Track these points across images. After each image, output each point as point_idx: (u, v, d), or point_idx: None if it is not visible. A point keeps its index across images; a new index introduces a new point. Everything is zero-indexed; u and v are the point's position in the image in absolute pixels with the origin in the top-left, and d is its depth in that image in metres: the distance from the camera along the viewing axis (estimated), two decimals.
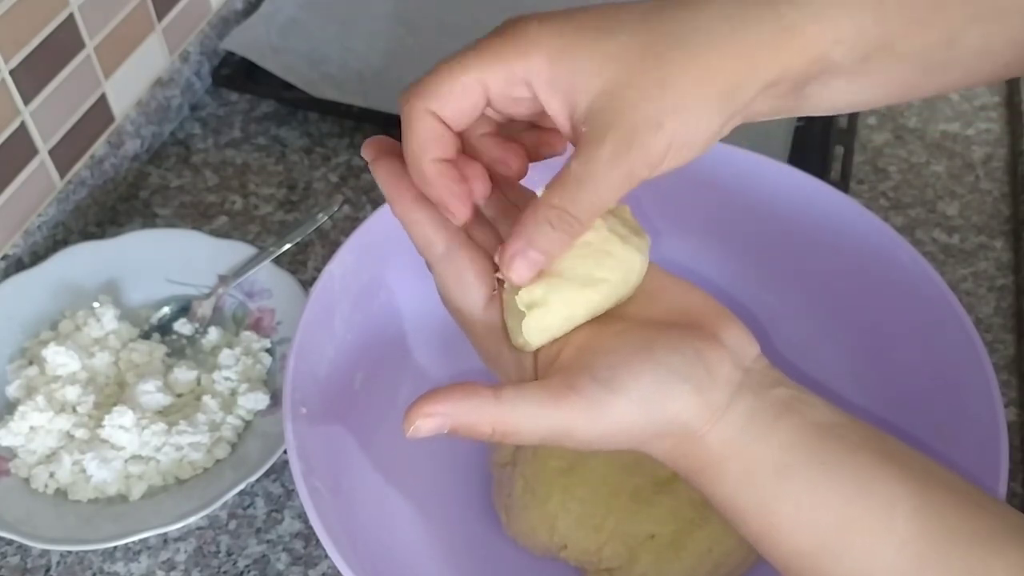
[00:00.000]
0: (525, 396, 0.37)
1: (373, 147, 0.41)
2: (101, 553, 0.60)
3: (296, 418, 0.50)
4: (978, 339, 0.53)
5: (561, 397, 0.36)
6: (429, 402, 0.36)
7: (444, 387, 0.37)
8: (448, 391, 0.37)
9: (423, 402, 0.36)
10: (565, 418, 0.36)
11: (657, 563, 0.54)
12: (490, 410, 0.36)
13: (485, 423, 0.36)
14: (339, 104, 0.80)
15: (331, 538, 0.45)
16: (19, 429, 0.61)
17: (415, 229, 0.41)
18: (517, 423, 0.36)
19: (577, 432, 0.37)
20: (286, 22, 0.88)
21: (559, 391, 0.36)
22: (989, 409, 0.50)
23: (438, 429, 0.37)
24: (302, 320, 0.53)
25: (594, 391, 0.36)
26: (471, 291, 0.40)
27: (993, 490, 0.47)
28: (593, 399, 0.36)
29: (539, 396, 0.37)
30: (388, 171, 0.40)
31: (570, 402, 0.36)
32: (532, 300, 0.38)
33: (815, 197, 0.59)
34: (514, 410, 0.36)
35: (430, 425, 0.36)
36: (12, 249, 0.71)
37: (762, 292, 0.62)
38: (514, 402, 0.36)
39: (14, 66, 0.67)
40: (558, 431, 0.37)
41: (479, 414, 0.36)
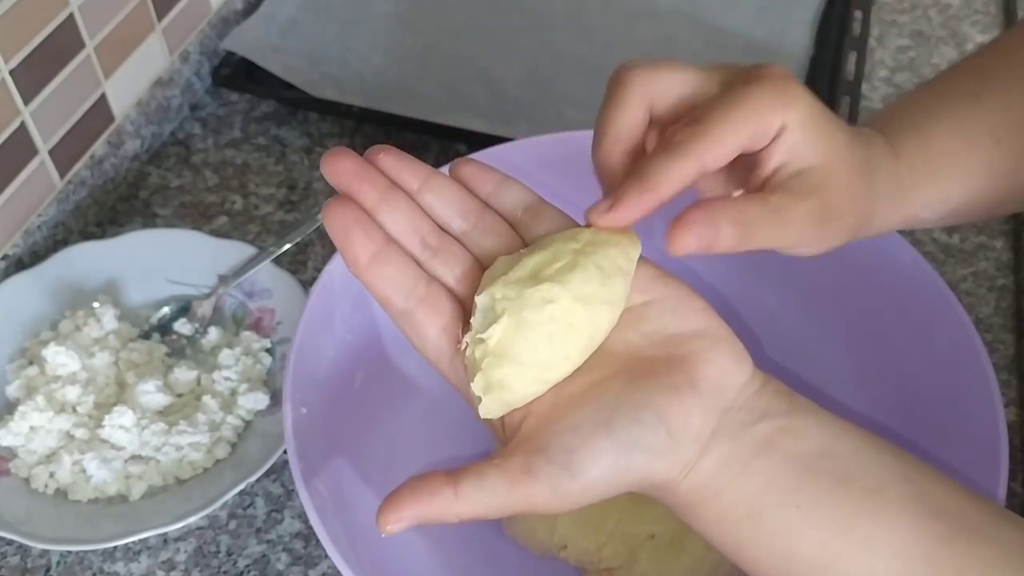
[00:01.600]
0: (483, 488, 0.37)
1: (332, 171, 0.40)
2: (101, 553, 0.60)
3: (296, 418, 0.50)
4: (978, 339, 0.53)
5: (520, 484, 0.36)
6: (394, 508, 0.37)
7: (404, 485, 0.37)
8: (409, 492, 0.37)
9: (389, 507, 0.37)
10: (525, 500, 0.37)
11: (657, 563, 0.54)
12: (450, 506, 0.37)
13: (450, 516, 0.37)
14: (339, 104, 0.80)
15: (331, 538, 0.45)
16: (19, 429, 0.61)
17: (372, 289, 0.40)
18: (480, 512, 0.37)
19: (540, 508, 0.37)
20: (286, 22, 0.88)
21: (517, 478, 0.37)
22: (989, 409, 0.50)
23: (408, 527, 0.37)
24: (302, 320, 0.53)
25: (552, 475, 0.36)
26: (433, 347, 0.40)
27: (993, 490, 0.47)
28: (551, 484, 0.36)
29: (497, 485, 0.37)
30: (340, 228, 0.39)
31: (529, 487, 0.36)
32: (488, 384, 0.38)
33: None
34: (474, 504, 0.37)
35: (401, 526, 0.37)
36: (12, 249, 0.71)
37: (761, 292, 0.62)
38: (473, 497, 0.37)
39: (14, 66, 0.67)
40: (522, 508, 0.37)
41: (442, 511, 0.37)
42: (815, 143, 0.40)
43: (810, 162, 0.40)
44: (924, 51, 0.92)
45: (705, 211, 0.38)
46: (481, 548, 0.57)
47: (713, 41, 0.87)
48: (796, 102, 0.40)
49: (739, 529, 0.37)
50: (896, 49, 0.92)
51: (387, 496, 0.37)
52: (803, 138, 0.40)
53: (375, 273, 0.39)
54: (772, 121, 0.39)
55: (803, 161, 0.40)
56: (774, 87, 0.40)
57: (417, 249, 0.40)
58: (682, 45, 0.87)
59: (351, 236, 0.39)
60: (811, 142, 0.40)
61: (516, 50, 0.87)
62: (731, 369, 0.38)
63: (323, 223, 0.40)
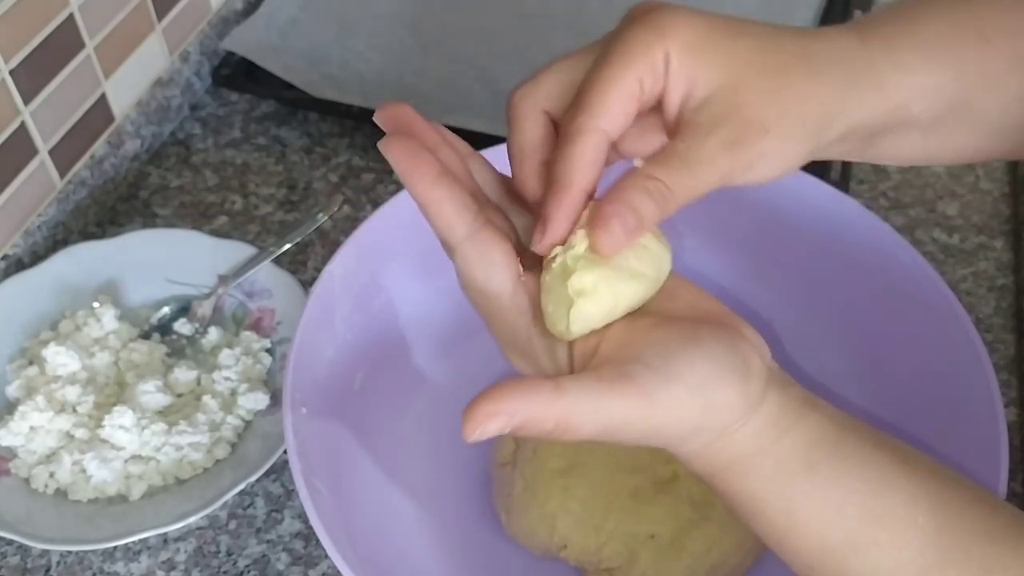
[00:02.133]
0: (586, 388, 0.35)
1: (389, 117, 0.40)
2: (101, 553, 0.60)
3: (296, 418, 0.50)
4: (978, 339, 0.53)
5: (619, 387, 0.35)
6: (490, 401, 0.35)
7: (500, 384, 0.35)
8: (506, 388, 0.35)
9: (483, 402, 0.35)
10: (624, 408, 0.35)
11: (657, 563, 0.54)
12: (554, 405, 0.35)
13: (549, 419, 0.35)
14: (339, 104, 0.80)
15: (331, 538, 0.45)
16: (19, 429, 0.61)
17: (436, 209, 0.38)
18: (580, 417, 0.35)
19: (635, 424, 0.36)
20: (286, 22, 0.88)
21: (616, 381, 0.35)
22: (989, 409, 0.50)
23: (501, 429, 0.35)
24: (302, 320, 0.53)
25: (650, 379, 0.35)
26: (499, 273, 0.38)
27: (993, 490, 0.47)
28: (650, 387, 0.35)
29: (598, 387, 0.35)
30: (403, 149, 0.38)
31: (628, 392, 0.35)
32: (583, 287, 0.37)
33: (815, 197, 0.59)
34: (577, 403, 0.35)
35: (495, 425, 0.35)
36: (12, 249, 0.71)
37: (761, 292, 0.62)
38: (576, 395, 0.35)
39: (14, 66, 0.67)
40: (616, 423, 0.35)
41: (543, 410, 0.35)
42: (709, 62, 0.37)
43: (711, 85, 0.37)
44: None
45: (617, 201, 0.36)
46: (481, 548, 0.57)
47: None
48: (672, 28, 0.37)
49: (795, 480, 0.37)
50: None
51: (475, 398, 0.35)
52: (693, 61, 0.37)
53: (445, 188, 0.38)
54: (652, 58, 0.37)
55: (703, 87, 0.37)
56: (643, 23, 0.37)
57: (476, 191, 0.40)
58: None
59: (418, 157, 0.38)
60: (704, 62, 0.37)
61: (516, 50, 0.87)
62: (761, 341, 0.39)
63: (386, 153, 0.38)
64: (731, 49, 0.37)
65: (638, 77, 0.37)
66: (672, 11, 0.37)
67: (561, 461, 0.56)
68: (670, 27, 0.37)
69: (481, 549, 0.57)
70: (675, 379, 0.35)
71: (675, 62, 0.37)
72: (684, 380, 0.35)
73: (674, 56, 0.37)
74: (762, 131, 0.37)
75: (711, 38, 0.37)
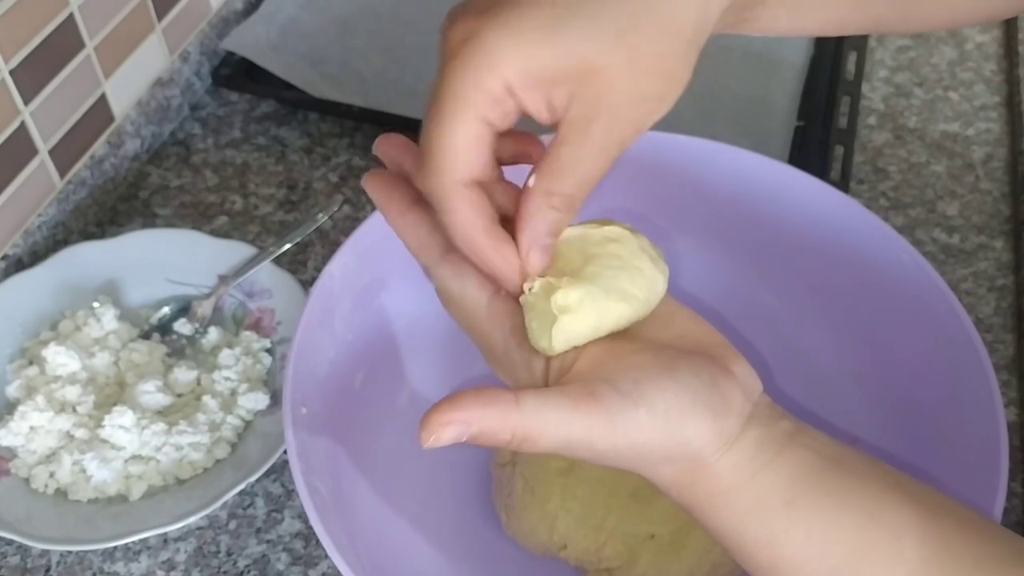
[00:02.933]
0: (547, 402, 0.36)
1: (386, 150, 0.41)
2: (101, 553, 0.60)
3: (296, 418, 0.50)
4: (978, 339, 0.53)
5: (583, 404, 0.35)
6: (447, 409, 0.35)
7: (460, 392, 0.36)
8: (465, 397, 0.35)
9: (441, 410, 0.35)
10: (586, 427, 0.35)
11: (657, 563, 0.54)
12: (511, 417, 0.35)
13: (506, 430, 0.35)
14: (339, 104, 0.80)
15: (331, 538, 0.45)
16: (19, 429, 0.61)
17: (409, 233, 0.40)
18: (539, 430, 0.35)
19: (595, 444, 0.36)
20: (286, 22, 0.88)
21: (581, 398, 0.36)
22: (989, 409, 0.50)
23: (457, 438, 0.35)
24: (302, 320, 0.53)
25: (615, 401, 0.35)
26: (474, 289, 0.39)
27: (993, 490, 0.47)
28: (615, 410, 0.35)
29: (560, 402, 0.36)
30: (377, 183, 0.41)
31: (592, 411, 0.35)
32: (567, 304, 0.37)
33: (815, 197, 0.59)
34: (536, 417, 0.35)
35: (450, 434, 0.35)
36: (12, 249, 0.71)
37: (761, 292, 0.62)
38: (536, 409, 0.35)
39: (14, 66, 0.67)
40: (576, 441, 0.36)
41: (500, 421, 0.35)
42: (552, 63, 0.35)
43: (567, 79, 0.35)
44: (924, 51, 0.92)
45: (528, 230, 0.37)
46: (481, 548, 0.57)
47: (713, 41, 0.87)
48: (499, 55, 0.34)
49: (776, 516, 0.37)
50: (896, 49, 0.92)
51: (439, 402, 0.35)
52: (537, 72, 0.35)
53: (414, 218, 0.40)
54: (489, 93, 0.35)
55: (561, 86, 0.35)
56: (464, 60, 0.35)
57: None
58: None
59: (392, 189, 0.40)
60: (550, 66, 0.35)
61: None
62: (752, 376, 0.39)
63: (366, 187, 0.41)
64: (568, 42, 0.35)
65: (480, 118, 0.35)
66: (492, 33, 0.34)
67: (561, 461, 0.56)
68: (497, 57, 0.34)
69: (481, 549, 0.57)
70: (641, 404, 0.35)
71: (519, 87, 0.35)
72: (649, 406, 0.35)
73: (515, 84, 0.35)
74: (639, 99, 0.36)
75: (541, 41, 0.34)
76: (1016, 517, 0.61)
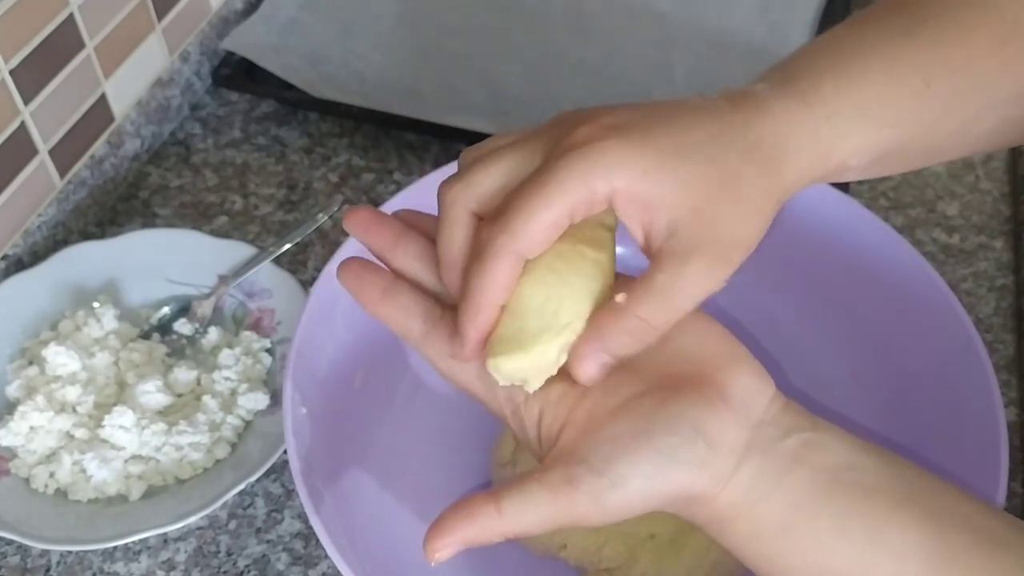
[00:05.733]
0: (527, 500, 0.37)
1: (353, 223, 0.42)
2: (101, 553, 0.60)
3: (296, 418, 0.50)
4: (978, 339, 0.53)
5: (562, 495, 0.36)
6: (437, 536, 0.37)
7: (446, 511, 0.38)
8: (451, 518, 0.37)
9: (432, 537, 0.38)
10: (569, 513, 0.37)
11: (657, 563, 0.54)
12: (496, 526, 0.37)
13: (496, 536, 0.37)
14: (339, 104, 0.80)
15: (331, 538, 0.45)
16: (19, 429, 0.61)
17: (389, 322, 0.42)
18: (527, 527, 0.37)
19: (583, 520, 0.37)
20: (286, 22, 0.88)
21: (559, 488, 0.37)
22: (989, 409, 0.50)
23: (456, 552, 0.38)
24: (302, 320, 0.53)
25: (594, 483, 0.36)
26: (457, 364, 0.41)
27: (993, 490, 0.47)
28: (593, 492, 0.36)
29: (540, 497, 0.37)
30: (349, 275, 0.42)
31: (571, 498, 0.36)
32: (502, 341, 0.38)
33: (814, 197, 0.59)
34: (519, 519, 0.37)
35: (447, 554, 0.38)
36: (12, 249, 0.71)
37: (761, 292, 0.62)
38: (517, 511, 0.37)
39: (14, 66, 0.67)
40: (568, 523, 0.37)
41: (486, 532, 0.37)
42: (668, 189, 0.37)
43: (672, 212, 0.37)
44: None
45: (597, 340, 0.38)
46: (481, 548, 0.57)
47: (713, 41, 0.87)
48: (618, 165, 0.36)
49: (774, 543, 0.37)
50: None
51: (431, 525, 0.38)
52: (648, 192, 0.37)
53: (390, 304, 0.41)
54: (590, 193, 0.36)
55: (664, 213, 0.37)
56: (587, 156, 0.36)
57: (434, 281, 0.42)
58: (682, 46, 0.87)
59: (362, 279, 0.42)
60: (662, 191, 0.37)
61: (516, 50, 0.87)
62: (756, 386, 0.38)
63: (339, 280, 0.42)
64: (683, 170, 0.37)
65: (570, 209, 0.37)
66: (616, 143, 0.36)
67: None
68: (615, 163, 0.36)
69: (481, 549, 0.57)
70: (619, 482, 0.36)
71: (624, 194, 0.37)
72: (626, 483, 0.36)
73: (621, 190, 0.36)
74: (739, 243, 0.38)
75: (661, 165, 0.37)
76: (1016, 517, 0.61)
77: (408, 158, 0.82)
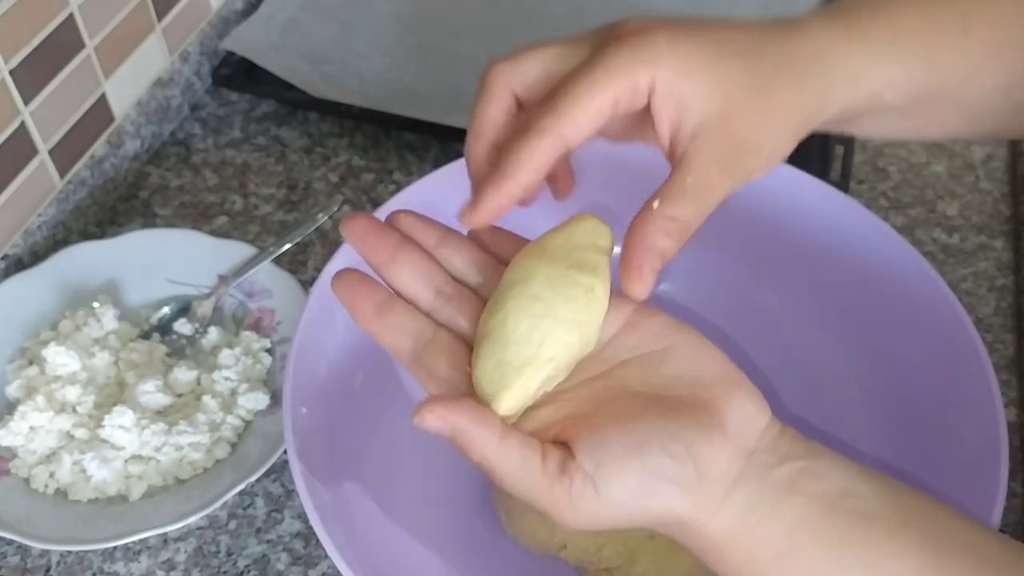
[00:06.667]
0: (526, 460, 0.36)
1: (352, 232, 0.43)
2: (101, 553, 0.60)
3: (296, 418, 0.50)
4: (978, 339, 0.53)
5: (553, 479, 0.36)
6: (442, 406, 0.37)
7: (465, 398, 0.37)
8: (464, 404, 0.37)
9: (437, 403, 0.37)
10: (550, 499, 0.36)
11: (657, 563, 0.54)
12: (490, 446, 0.36)
13: (478, 453, 0.37)
14: (339, 104, 0.80)
15: (331, 538, 0.45)
16: (19, 429, 0.61)
17: (381, 341, 0.42)
18: (504, 473, 0.37)
19: (557, 512, 0.37)
20: (286, 22, 0.88)
21: (551, 471, 0.36)
22: (989, 409, 0.50)
23: (438, 431, 0.37)
24: (302, 320, 0.53)
25: (578, 485, 0.36)
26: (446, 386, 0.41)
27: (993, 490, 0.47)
28: (577, 492, 0.36)
29: (536, 468, 0.36)
30: (344, 288, 0.42)
31: (555, 485, 0.36)
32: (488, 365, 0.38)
33: (815, 197, 0.59)
34: (509, 462, 0.36)
35: (433, 424, 0.37)
36: (12, 249, 0.71)
37: (761, 292, 0.62)
38: (513, 456, 0.36)
39: (14, 66, 0.67)
40: (541, 504, 0.37)
41: (478, 441, 0.37)
42: (702, 90, 0.38)
43: (703, 111, 0.38)
44: None
45: (642, 248, 0.38)
46: (481, 548, 0.57)
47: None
48: (661, 56, 0.38)
49: (770, 570, 0.37)
50: None
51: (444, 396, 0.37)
52: (684, 89, 0.38)
53: (382, 322, 0.41)
54: (634, 81, 0.38)
55: (695, 112, 0.38)
56: (634, 44, 0.38)
57: (430, 298, 0.42)
58: None
59: (356, 294, 0.42)
60: (696, 91, 0.38)
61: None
62: (753, 412, 0.38)
63: (334, 292, 0.42)
64: (719, 72, 0.38)
65: (614, 96, 0.38)
66: (663, 35, 0.38)
67: None
68: (661, 54, 0.38)
69: (481, 549, 0.57)
70: (602, 489, 0.36)
71: (663, 88, 0.38)
72: (611, 492, 0.36)
73: (661, 82, 0.38)
74: (756, 149, 0.39)
75: (700, 63, 0.38)
76: (1016, 517, 0.61)
77: (408, 158, 0.82)
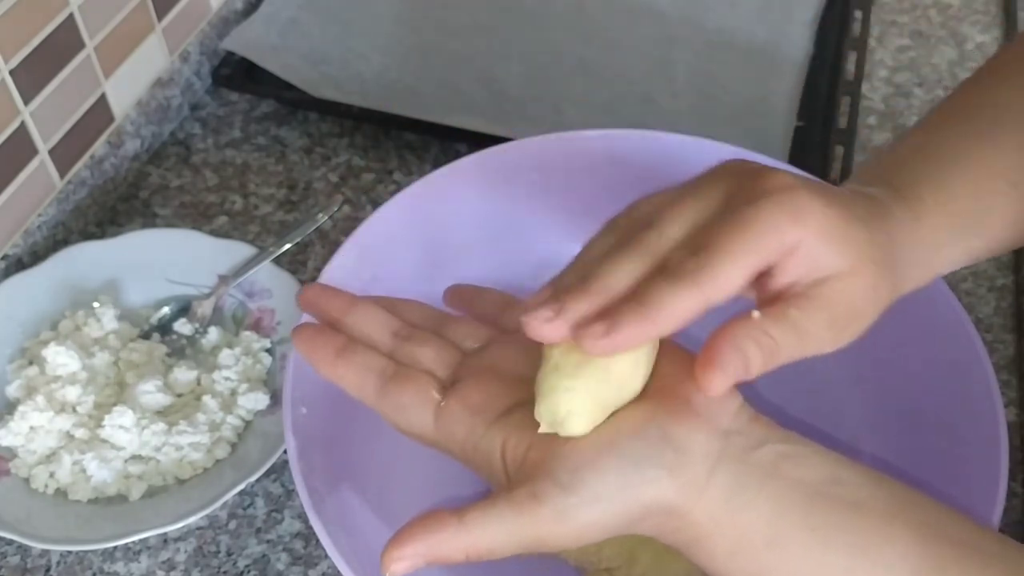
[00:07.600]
0: (490, 515, 0.36)
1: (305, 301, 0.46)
2: (101, 553, 0.60)
3: (296, 418, 0.50)
4: (978, 339, 0.53)
5: (526, 510, 0.36)
6: (397, 545, 0.37)
7: (410, 522, 0.37)
8: (413, 528, 0.37)
9: (391, 546, 0.37)
10: (534, 530, 0.36)
11: (657, 563, 0.54)
12: (459, 539, 0.36)
13: (457, 551, 0.36)
14: (339, 104, 0.80)
15: (331, 538, 0.45)
16: (19, 429, 0.61)
17: (342, 383, 0.43)
18: (488, 545, 0.36)
19: (550, 540, 0.36)
20: (286, 22, 0.88)
21: (523, 503, 0.36)
22: (989, 409, 0.50)
23: (412, 568, 0.36)
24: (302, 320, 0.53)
25: (558, 498, 0.36)
26: (414, 414, 0.41)
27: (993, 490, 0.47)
28: (558, 507, 0.35)
29: (504, 513, 0.36)
30: (303, 339, 0.44)
31: (536, 513, 0.36)
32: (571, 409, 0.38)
33: None
34: (483, 533, 0.36)
35: (403, 567, 0.36)
36: (12, 249, 0.71)
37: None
38: (481, 524, 0.36)
39: (14, 66, 0.67)
40: (531, 542, 0.36)
41: (448, 545, 0.36)
42: (835, 252, 0.37)
43: (830, 271, 0.37)
44: (924, 51, 0.92)
45: (731, 346, 0.36)
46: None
47: (713, 41, 0.87)
48: (809, 217, 0.37)
49: (760, 559, 0.36)
50: (896, 49, 0.92)
51: (392, 536, 0.37)
52: (821, 250, 0.37)
53: (343, 364, 0.42)
54: (784, 242, 0.36)
55: (822, 271, 0.37)
56: (783, 203, 0.36)
57: (388, 340, 0.44)
58: (682, 45, 0.87)
59: (315, 343, 0.43)
60: (830, 252, 0.37)
61: (516, 50, 0.87)
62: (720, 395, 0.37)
63: (294, 345, 0.44)
64: (853, 240, 0.38)
65: (763, 259, 0.36)
66: (808, 195, 0.37)
67: None
68: (807, 216, 0.36)
69: None
70: (584, 495, 0.36)
71: (805, 248, 0.37)
72: (592, 495, 0.35)
73: (806, 243, 0.36)
74: (861, 317, 0.39)
75: (840, 228, 0.37)
76: (1016, 517, 0.61)
77: (408, 158, 0.82)
